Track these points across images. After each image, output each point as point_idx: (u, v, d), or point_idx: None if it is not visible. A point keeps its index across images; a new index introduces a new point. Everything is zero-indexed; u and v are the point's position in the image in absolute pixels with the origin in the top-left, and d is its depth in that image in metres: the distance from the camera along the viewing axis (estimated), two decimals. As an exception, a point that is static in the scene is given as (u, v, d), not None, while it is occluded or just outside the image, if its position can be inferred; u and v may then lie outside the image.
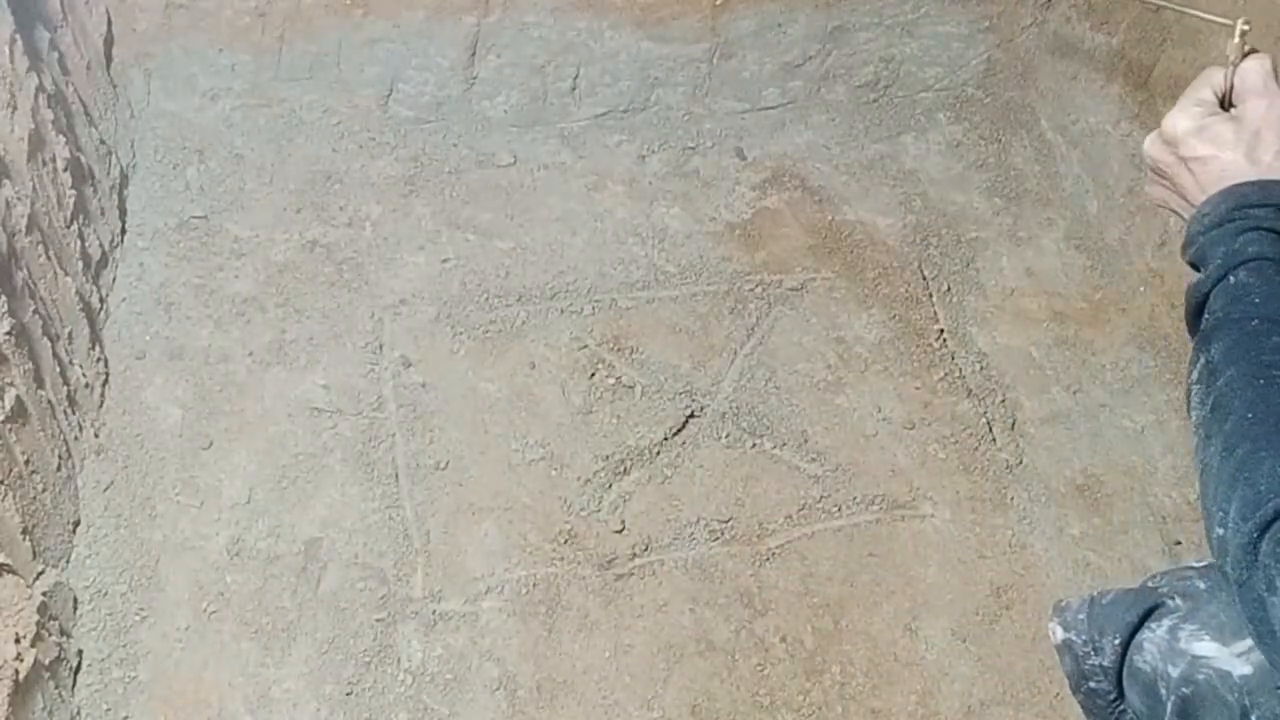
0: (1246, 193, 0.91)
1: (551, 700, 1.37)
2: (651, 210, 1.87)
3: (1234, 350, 0.87)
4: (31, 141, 1.47)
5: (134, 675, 1.35)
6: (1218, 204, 0.92)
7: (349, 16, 1.82)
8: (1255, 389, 0.83)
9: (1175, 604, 1.01)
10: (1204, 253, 0.93)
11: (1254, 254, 0.89)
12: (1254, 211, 0.90)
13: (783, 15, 1.93)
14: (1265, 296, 0.88)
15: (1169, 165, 0.96)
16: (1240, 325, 0.87)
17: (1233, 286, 0.90)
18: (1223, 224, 0.92)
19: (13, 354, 1.33)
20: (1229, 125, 0.93)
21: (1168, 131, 0.96)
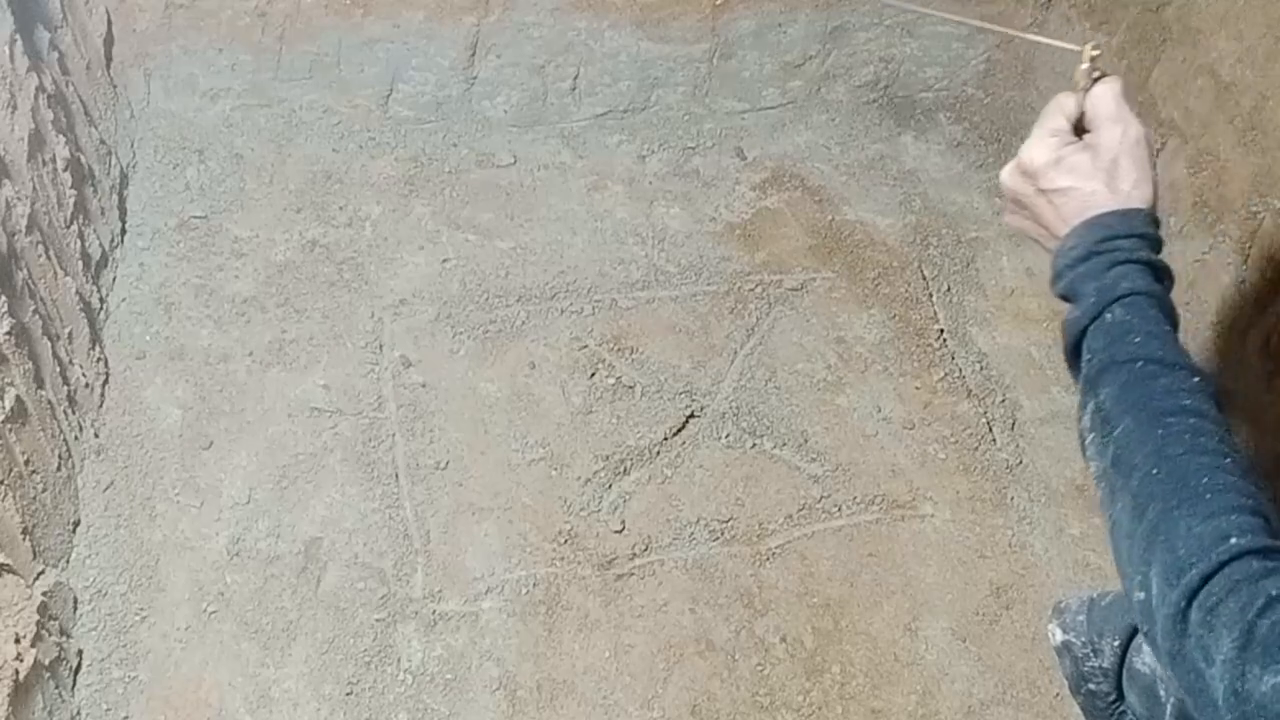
0: (1110, 224, 0.91)
1: (551, 700, 1.37)
2: (651, 210, 1.87)
3: (1125, 397, 0.86)
4: (31, 141, 1.47)
5: (134, 675, 1.35)
6: (1082, 236, 0.91)
7: (349, 16, 1.82)
8: (1154, 441, 0.82)
9: None
10: (1075, 288, 0.92)
11: (1127, 289, 0.88)
12: (1120, 243, 0.90)
13: (783, 15, 1.93)
14: (1145, 335, 0.87)
15: (1028, 197, 0.95)
16: (1126, 368, 0.86)
17: (1110, 325, 0.89)
18: (1090, 257, 0.91)
19: (13, 354, 1.33)
20: (1086, 155, 0.92)
21: (1025, 164, 0.95)
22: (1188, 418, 0.82)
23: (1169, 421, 0.82)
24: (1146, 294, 0.88)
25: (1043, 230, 0.96)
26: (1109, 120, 0.93)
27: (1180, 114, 1.71)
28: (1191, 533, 0.76)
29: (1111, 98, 0.94)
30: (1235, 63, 1.60)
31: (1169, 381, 0.85)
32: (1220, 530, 0.75)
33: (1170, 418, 0.82)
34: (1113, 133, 0.93)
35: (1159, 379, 0.85)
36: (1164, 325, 0.88)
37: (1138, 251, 0.90)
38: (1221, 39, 1.63)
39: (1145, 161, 0.93)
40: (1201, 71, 1.67)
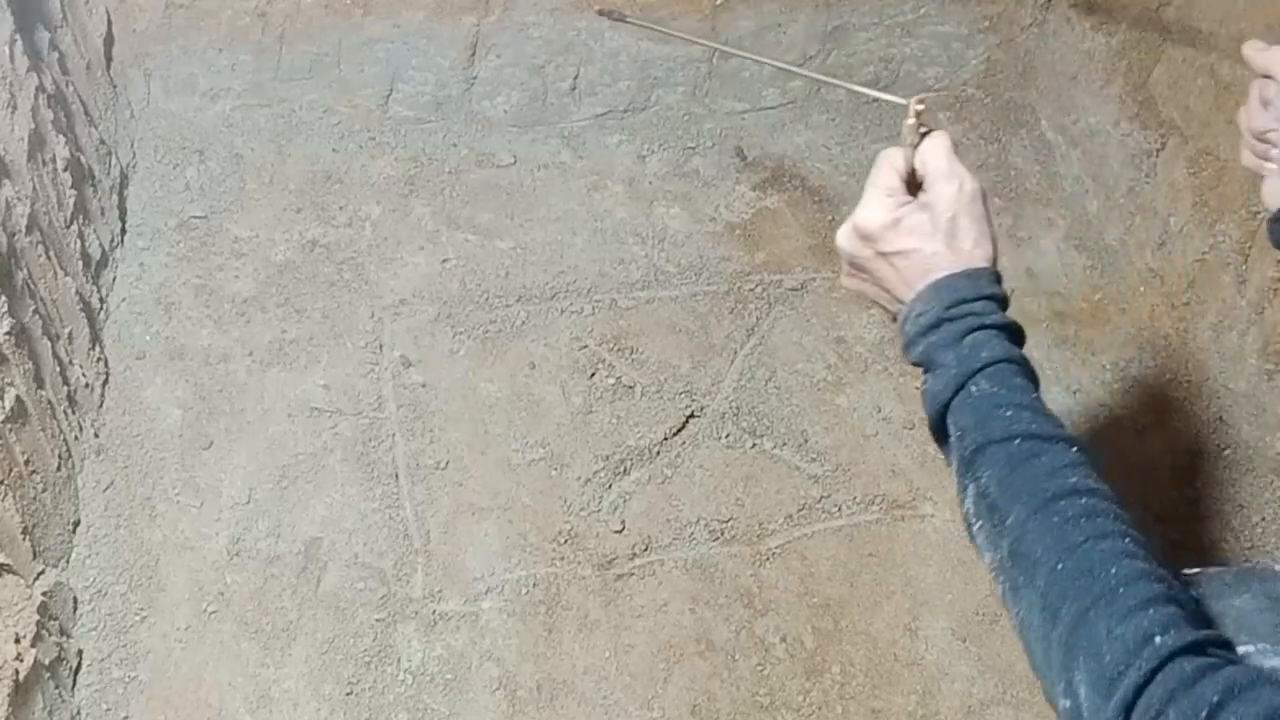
0: (957, 286, 0.88)
1: (551, 700, 1.37)
2: (651, 210, 1.87)
3: (1010, 481, 0.82)
4: (31, 141, 1.47)
5: (134, 675, 1.35)
6: (929, 301, 0.88)
7: (349, 16, 1.82)
8: (1052, 531, 0.78)
9: None
10: (930, 356, 0.89)
11: (988, 358, 0.86)
12: (970, 307, 0.88)
13: (783, 15, 1.93)
14: (1016, 408, 0.84)
15: (867, 260, 0.93)
16: (1004, 448, 0.83)
17: (977, 399, 0.85)
18: (941, 324, 0.88)
19: (13, 354, 1.33)
20: (924, 215, 0.90)
21: (861, 226, 0.91)
22: (1079, 498, 0.79)
23: (1061, 506, 0.79)
24: (1007, 361, 0.86)
25: (884, 293, 0.93)
26: (943, 177, 0.90)
27: (1180, 114, 1.71)
28: (1113, 635, 0.73)
29: (942, 152, 0.91)
30: (1235, 63, 1.60)
31: (1051, 459, 0.82)
32: (1142, 630, 0.73)
33: (1062, 501, 0.79)
34: (949, 189, 0.90)
35: (1040, 457, 0.82)
36: (1031, 394, 0.86)
37: (990, 315, 0.87)
38: (1221, 39, 1.63)
39: (984, 218, 0.91)
40: (1201, 71, 1.67)
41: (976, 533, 0.85)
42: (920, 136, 0.93)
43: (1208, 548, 1.55)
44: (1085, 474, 0.81)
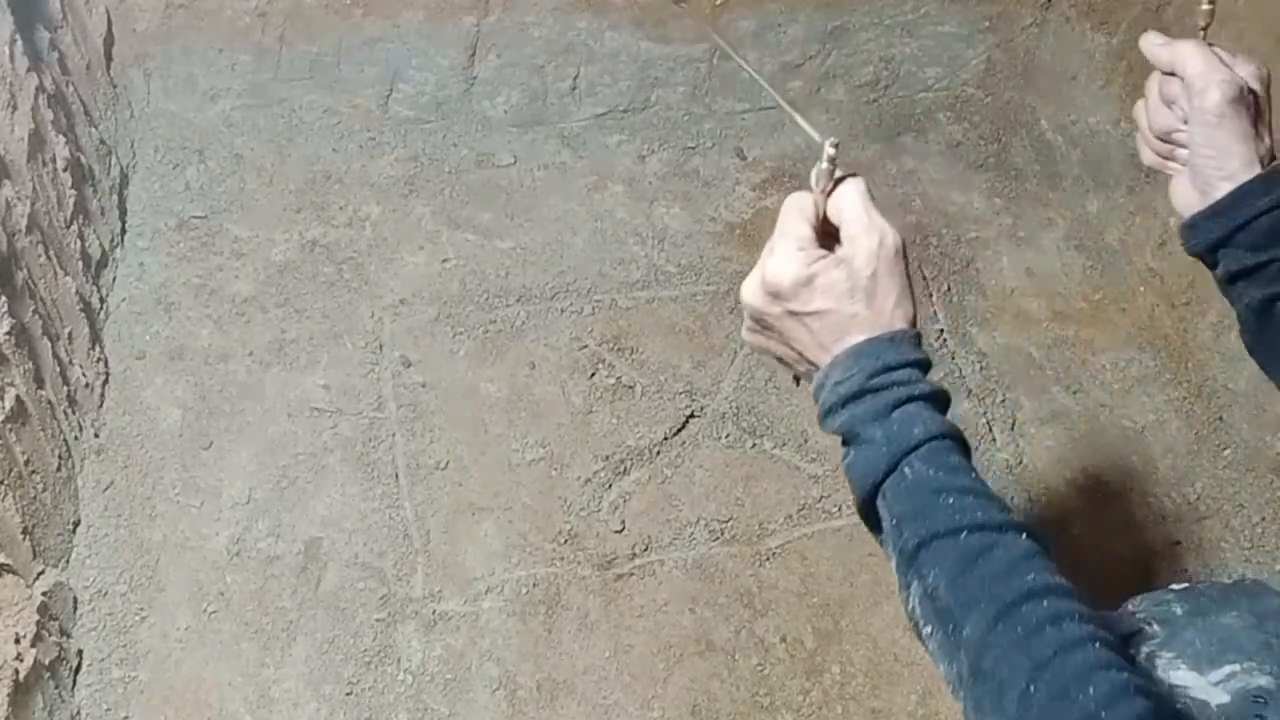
0: (879, 353, 0.80)
1: (551, 700, 1.37)
2: (651, 210, 1.87)
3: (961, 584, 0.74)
4: (31, 141, 1.47)
5: (134, 675, 1.35)
6: (849, 368, 0.80)
7: (349, 16, 1.82)
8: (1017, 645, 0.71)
9: (1152, 630, 0.98)
10: (854, 429, 0.80)
11: (920, 436, 0.78)
12: (895, 375, 0.79)
13: (783, 15, 1.93)
14: (958, 493, 0.76)
15: (776, 318, 0.83)
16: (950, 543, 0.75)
17: (913, 483, 0.77)
18: (864, 395, 0.79)
19: (13, 354, 1.33)
20: (841, 271, 0.80)
21: (772, 282, 0.81)
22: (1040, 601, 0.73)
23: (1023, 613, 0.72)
24: (941, 437, 0.78)
25: (793, 353, 0.85)
26: (861, 230, 0.82)
27: (1180, 114, 1.71)
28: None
29: (859, 201, 0.83)
30: (1235, 63, 1.60)
31: (1004, 554, 0.75)
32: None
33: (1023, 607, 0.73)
34: (869, 244, 0.81)
35: (993, 552, 0.75)
36: (970, 473, 0.78)
37: (917, 384, 0.79)
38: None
39: (904, 275, 0.82)
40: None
41: (927, 638, 0.78)
42: (835, 182, 0.83)
43: (1208, 548, 1.55)
44: (1041, 568, 0.76)
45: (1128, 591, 1.51)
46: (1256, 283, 0.93)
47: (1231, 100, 0.92)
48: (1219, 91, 0.93)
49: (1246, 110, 0.93)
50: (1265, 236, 0.92)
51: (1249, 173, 0.92)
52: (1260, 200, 0.91)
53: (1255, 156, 0.93)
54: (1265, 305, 0.93)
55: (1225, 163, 0.93)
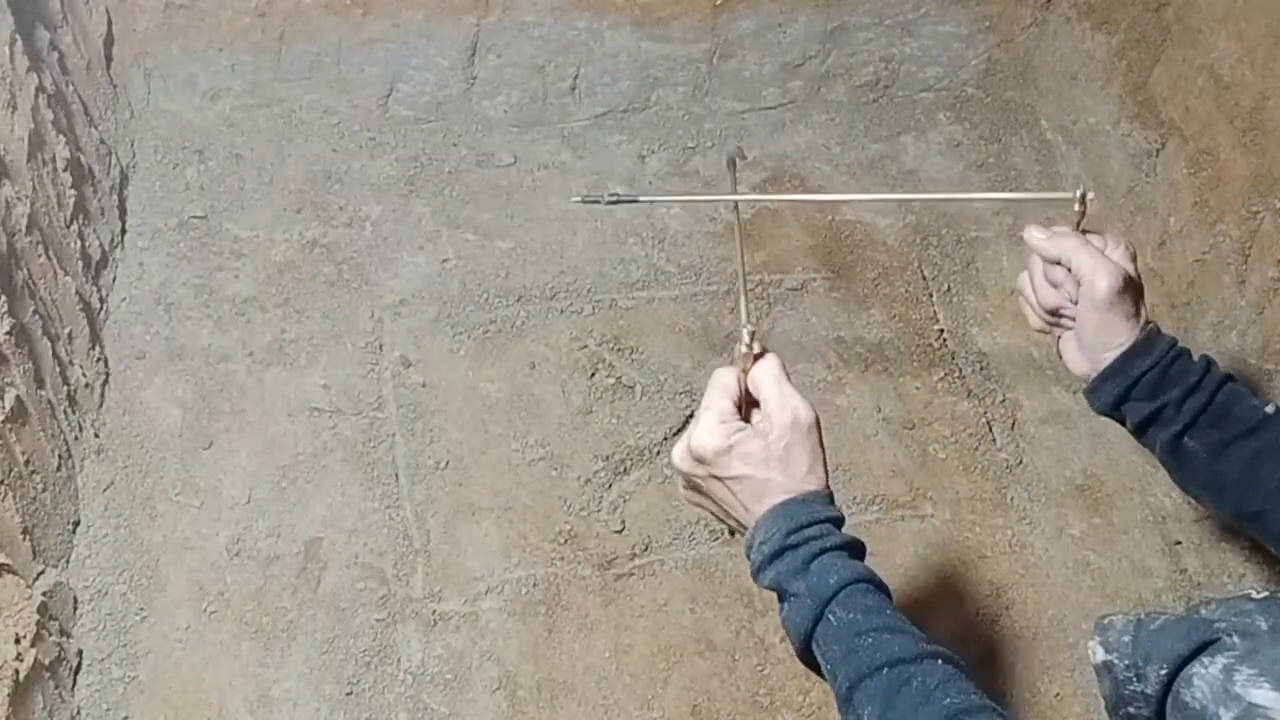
0: (794, 513, 0.91)
1: (551, 700, 1.37)
2: (651, 210, 1.87)
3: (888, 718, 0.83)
4: (31, 141, 1.47)
5: (134, 675, 1.35)
6: (770, 529, 0.91)
7: (349, 16, 1.82)
8: None
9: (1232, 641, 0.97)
10: (781, 585, 0.91)
11: (836, 584, 0.88)
12: (809, 532, 0.90)
13: (783, 15, 1.93)
14: (875, 630, 0.87)
15: (703, 480, 0.96)
16: (875, 681, 0.85)
17: (837, 629, 0.88)
18: (784, 552, 0.90)
19: (13, 354, 1.33)
20: (758, 442, 0.92)
21: (696, 450, 0.94)
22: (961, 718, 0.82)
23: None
24: (855, 581, 0.89)
25: (723, 511, 0.97)
26: (776, 406, 0.94)
27: (1180, 114, 1.71)
28: None
29: (773, 378, 0.95)
30: (1235, 63, 1.60)
31: (921, 682, 0.84)
32: None
33: None
34: (783, 419, 0.93)
35: (911, 683, 0.84)
36: (885, 611, 0.89)
37: (829, 537, 0.90)
38: (1221, 39, 1.63)
39: (817, 446, 0.94)
40: (1201, 71, 1.67)
41: None
42: (752, 359, 0.95)
43: (1208, 548, 1.55)
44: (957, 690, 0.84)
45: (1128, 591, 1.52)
46: (1160, 426, 1.08)
47: (1118, 289, 1.06)
48: (1106, 282, 1.06)
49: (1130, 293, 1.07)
50: (1154, 387, 1.07)
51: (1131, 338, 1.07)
52: (1144, 361, 1.07)
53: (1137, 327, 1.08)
54: (1174, 443, 1.08)
55: (1112, 338, 1.08)
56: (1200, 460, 1.07)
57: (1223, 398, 1.07)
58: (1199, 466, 1.08)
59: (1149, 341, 1.08)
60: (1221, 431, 1.06)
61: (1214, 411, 1.06)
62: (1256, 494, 1.04)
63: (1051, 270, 1.13)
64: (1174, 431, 1.07)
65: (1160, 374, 1.07)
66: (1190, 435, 1.07)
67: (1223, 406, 1.06)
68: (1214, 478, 1.07)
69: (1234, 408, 1.06)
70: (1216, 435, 1.06)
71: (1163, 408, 1.07)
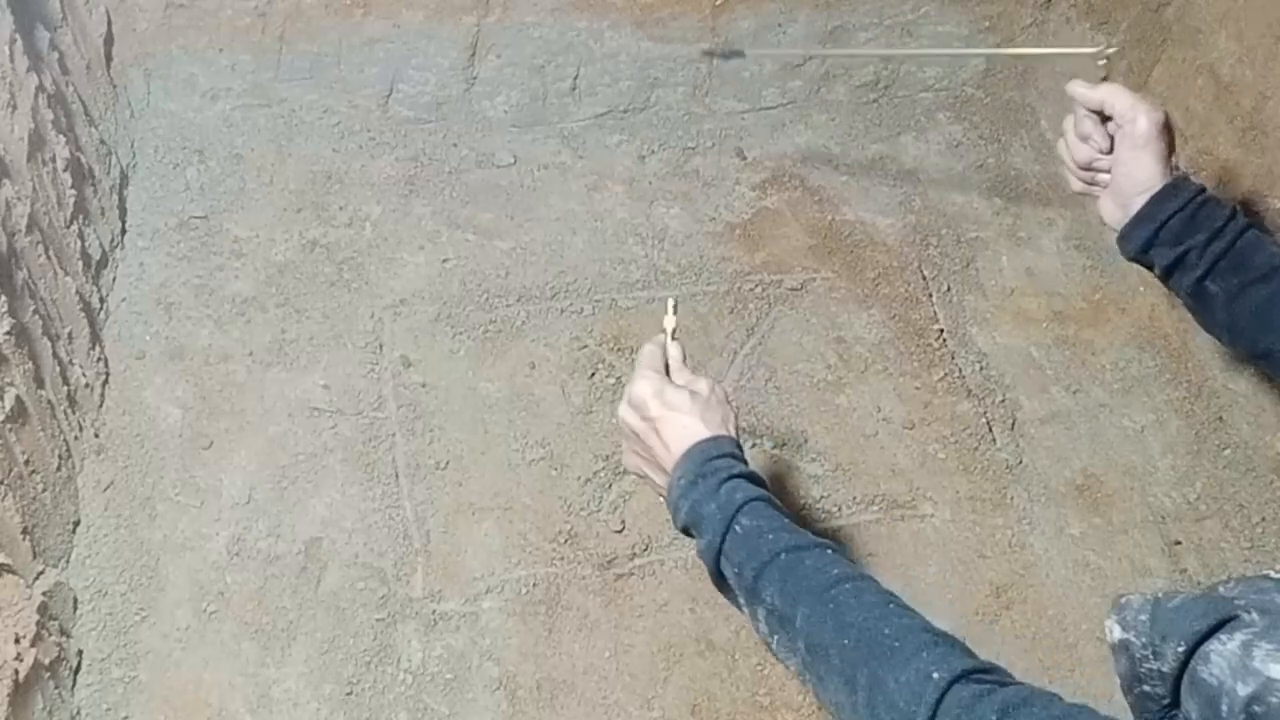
0: (706, 449, 1.05)
1: (551, 700, 1.37)
2: (651, 210, 1.87)
3: (787, 589, 0.94)
4: (31, 141, 1.47)
5: (134, 675, 1.35)
6: (686, 467, 1.05)
7: (349, 16, 1.82)
8: (831, 617, 0.91)
9: (1251, 618, 0.98)
10: (695, 513, 1.03)
11: (742, 499, 1.00)
12: (718, 463, 1.04)
13: (783, 15, 1.93)
14: (775, 530, 0.98)
15: (640, 429, 1.10)
16: (774, 565, 0.96)
17: (743, 535, 0.99)
18: (698, 481, 1.03)
19: (13, 354, 1.33)
20: (683, 393, 1.09)
21: (633, 396, 1.10)
22: (844, 584, 0.93)
23: (832, 594, 0.92)
24: (758, 499, 1.01)
25: (655, 464, 1.10)
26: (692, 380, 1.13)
27: (1180, 114, 1.71)
28: (900, 683, 0.85)
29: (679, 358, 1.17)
30: (1235, 63, 1.60)
31: (814, 561, 0.95)
32: (921, 671, 0.84)
33: (832, 590, 0.93)
34: (704, 386, 1.12)
35: (805, 562, 0.95)
36: (783, 518, 1.00)
37: (736, 467, 1.04)
38: (1221, 39, 1.63)
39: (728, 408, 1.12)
40: (1201, 71, 1.67)
41: (777, 648, 0.96)
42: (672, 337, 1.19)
43: (1208, 548, 1.55)
44: (846, 566, 0.96)
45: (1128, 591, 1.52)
46: (1184, 271, 1.15)
47: (1158, 126, 1.14)
48: (1146, 119, 1.14)
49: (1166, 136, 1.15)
50: (1180, 232, 1.14)
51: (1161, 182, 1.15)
52: (1171, 204, 1.14)
53: (1168, 173, 1.15)
54: (1197, 288, 1.15)
55: (1145, 180, 1.15)
56: (1219, 303, 1.14)
57: (1243, 244, 1.13)
58: (1218, 308, 1.15)
59: (1177, 186, 1.14)
60: (1240, 276, 1.12)
61: (1234, 257, 1.12)
62: (1268, 335, 1.12)
63: (1081, 123, 1.20)
64: (1196, 276, 1.13)
65: (1188, 218, 1.13)
66: (1211, 279, 1.13)
67: (1242, 253, 1.12)
68: (1231, 319, 1.14)
69: (1253, 254, 1.13)
70: (1235, 280, 1.12)
71: (1187, 252, 1.14)
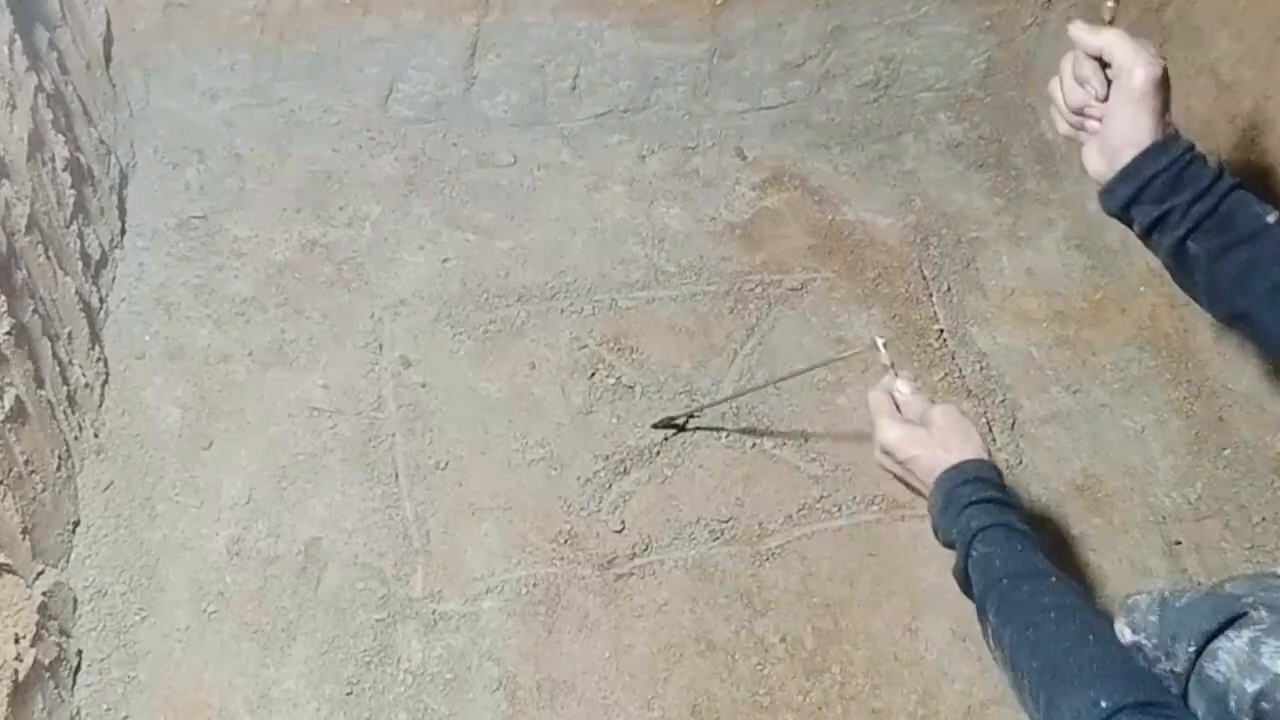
0: (950, 477, 1.15)
1: (551, 700, 1.37)
2: (651, 210, 1.87)
3: (1002, 613, 1.04)
4: (31, 141, 1.47)
5: (134, 675, 1.35)
6: (935, 495, 1.16)
7: (349, 16, 1.82)
8: (1029, 641, 1.00)
9: (1259, 615, 0.98)
10: (948, 537, 1.14)
11: (977, 527, 1.10)
12: (960, 490, 1.13)
13: (783, 15, 1.93)
14: (1003, 558, 1.08)
15: (899, 472, 1.22)
16: (996, 589, 1.06)
17: (978, 560, 1.09)
18: (946, 509, 1.14)
19: (13, 354, 1.33)
20: (923, 430, 1.20)
21: (883, 446, 1.22)
22: (1049, 613, 1.01)
23: (1036, 620, 1.01)
24: (994, 526, 1.10)
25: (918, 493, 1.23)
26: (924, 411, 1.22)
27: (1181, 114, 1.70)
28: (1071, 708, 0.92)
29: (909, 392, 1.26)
30: (1235, 63, 1.60)
31: (1030, 588, 1.04)
32: (1090, 698, 0.91)
33: (1037, 616, 1.01)
34: (934, 415, 1.20)
35: (1022, 588, 1.04)
36: (1016, 545, 1.09)
37: (978, 493, 1.13)
38: (1222, 39, 1.63)
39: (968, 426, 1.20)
40: (1201, 71, 1.67)
41: (998, 660, 1.06)
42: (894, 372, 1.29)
43: (1207, 548, 1.55)
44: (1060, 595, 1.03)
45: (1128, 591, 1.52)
46: (1165, 230, 1.11)
47: (1155, 81, 1.10)
48: (1144, 73, 1.10)
49: (1162, 91, 1.11)
50: (1164, 191, 1.10)
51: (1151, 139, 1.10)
52: (1157, 162, 1.10)
53: (1160, 130, 1.11)
54: (1178, 248, 1.11)
55: (1134, 135, 1.11)
56: (1200, 264, 1.11)
57: (1227, 206, 1.09)
58: (1198, 270, 1.11)
59: (1167, 144, 1.10)
60: (1222, 237, 1.09)
61: (1217, 218, 1.09)
62: (1246, 297, 1.09)
63: (1080, 66, 1.17)
64: (1178, 236, 1.10)
65: (1174, 177, 1.10)
66: (1193, 239, 1.10)
67: (1226, 214, 1.09)
68: (1211, 281, 1.11)
69: (1236, 215, 1.09)
70: (1217, 241, 1.09)
71: (1169, 211, 1.10)
